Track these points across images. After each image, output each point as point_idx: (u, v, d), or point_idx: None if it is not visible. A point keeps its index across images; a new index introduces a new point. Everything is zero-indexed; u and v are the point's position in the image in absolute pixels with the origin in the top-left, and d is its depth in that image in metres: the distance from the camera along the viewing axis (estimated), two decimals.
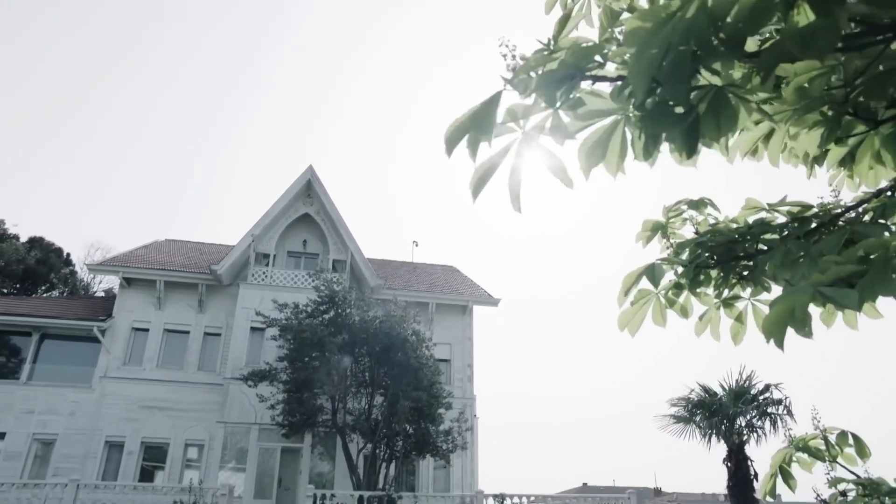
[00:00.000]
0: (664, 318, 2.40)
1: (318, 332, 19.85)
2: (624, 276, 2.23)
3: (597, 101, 1.57)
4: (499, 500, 19.11)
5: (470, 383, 26.08)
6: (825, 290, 1.46)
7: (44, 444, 22.96)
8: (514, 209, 1.65)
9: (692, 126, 1.40)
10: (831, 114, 1.59)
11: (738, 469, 10.20)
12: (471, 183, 1.60)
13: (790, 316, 1.45)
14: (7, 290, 37.33)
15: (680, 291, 2.28)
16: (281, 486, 22.14)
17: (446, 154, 1.56)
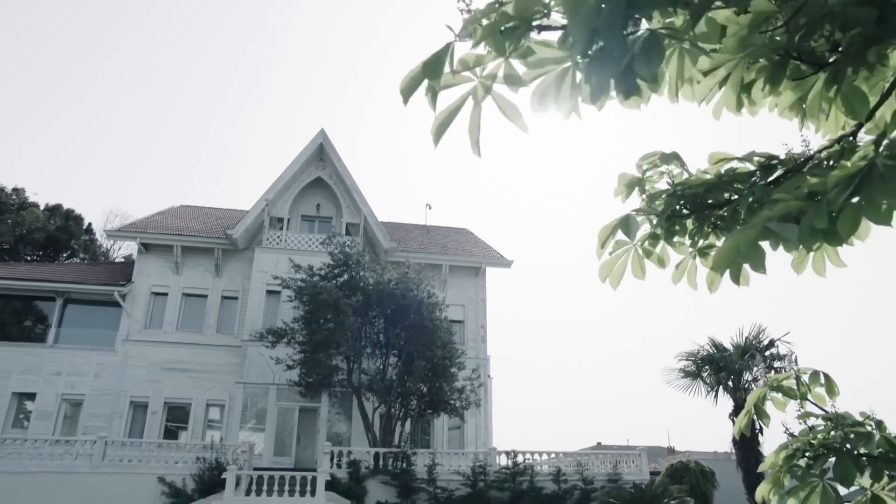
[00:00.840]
0: (643, 269, 2.45)
1: (333, 294, 20.16)
2: (600, 229, 2.29)
3: (545, 50, 1.61)
4: (511, 457, 19.53)
5: (483, 343, 26.40)
6: (770, 224, 1.50)
7: (72, 404, 23.83)
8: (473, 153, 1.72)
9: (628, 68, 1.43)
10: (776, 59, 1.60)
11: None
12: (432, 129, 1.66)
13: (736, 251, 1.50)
14: (30, 257, 38.16)
15: (656, 242, 2.33)
16: (299, 445, 22.83)
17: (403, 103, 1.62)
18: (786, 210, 1.54)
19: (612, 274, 2.38)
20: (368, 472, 18.63)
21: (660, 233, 2.26)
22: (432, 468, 18.69)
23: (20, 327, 25.92)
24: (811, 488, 2.43)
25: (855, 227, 1.57)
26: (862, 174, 1.47)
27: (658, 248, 2.30)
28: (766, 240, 1.61)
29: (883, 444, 2.40)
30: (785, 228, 1.49)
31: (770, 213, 1.53)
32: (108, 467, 18.08)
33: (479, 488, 18.42)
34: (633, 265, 2.39)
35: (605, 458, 21.27)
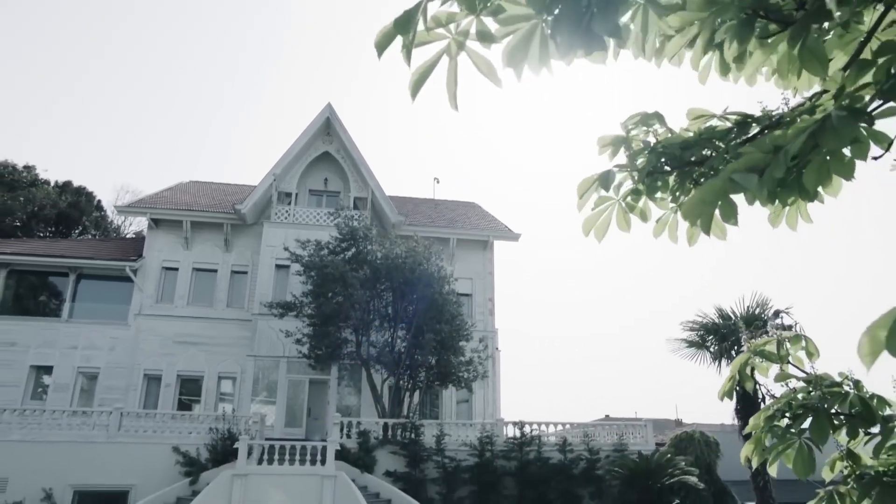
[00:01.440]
0: (628, 222, 2.51)
1: (340, 268, 20.34)
2: (579, 183, 2.35)
3: (514, 7, 1.64)
4: (519, 427, 19.80)
5: (491, 316, 26.59)
6: (735, 175, 1.55)
7: (88, 377, 24.35)
8: (451, 107, 1.77)
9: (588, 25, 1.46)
10: (743, 17, 1.63)
11: (745, 392, 10.40)
12: (409, 84, 1.72)
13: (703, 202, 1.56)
14: (43, 233, 38.59)
15: (639, 197, 2.39)
16: (310, 416, 23.24)
17: (377, 57, 1.67)
18: (750, 162, 1.58)
19: (597, 227, 2.45)
20: (377, 442, 18.98)
21: (642, 188, 2.31)
22: (440, 438, 19.01)
23: (36, 302, 26.38)
24: (789, 446, 2.52)
25: (819, 179, 1.62)
26: (816, 126, 1.51)
27: (641, 203, 2.36)
28: (733, 192, 1.66)
29: (857, 402, 2.47)
30: (747, 178, 1.53)
31: (736, 165, 1.58)
32: (124, 437, 18.54)
33: (486, 458, 18.73)
34: (617, 219, 2.45)
35: (612, 430, 21.50)
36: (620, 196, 2.39)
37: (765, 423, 2.62)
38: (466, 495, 18.31)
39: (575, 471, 19.14)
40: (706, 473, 17.76)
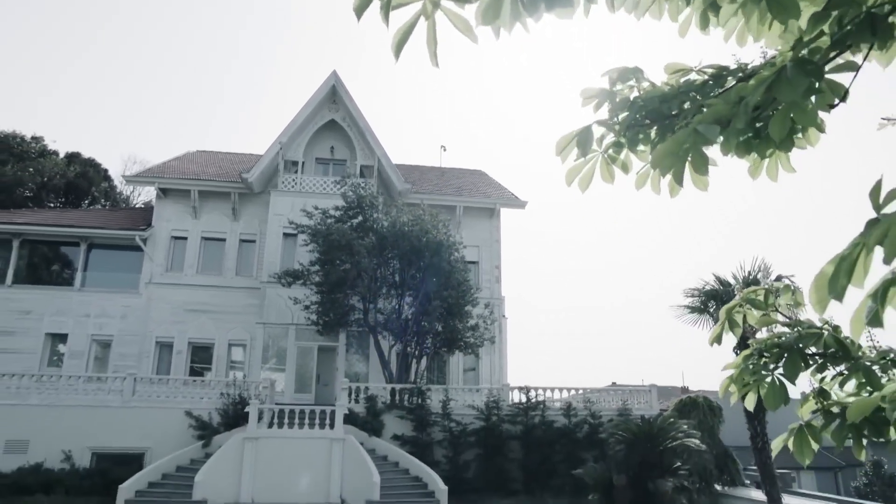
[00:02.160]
0: (612, 174, 2.56)
1: (347, 236, 20.47)
2: (559, 139, 2.39)
3: None
4: (524, 392, 20.07)
5: (498, 284, 26.73)
6: (699, 126, 1.59)
7: (101, 344, 24.83)
8: (432, 65, 1.81)
9: None
10: None
11: None
12: (391, 46, 1.76)
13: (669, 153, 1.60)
14: (53, 204, 38.88)
15: (620, 149, 2.44)
16: (319, 382, 23.66)
17: (357, 20, 1.71)
18: (716, 114, 1.62)
19: (581, 178, 2.51)
20: (385, 406, 19.34)
21: (623, 141, 2.36)
22: (447, 403, 19.34)
23: (49, 271, 26.78)
24: (762, 380, 2.62)
25: (784, 130, 1.66)
26: (773, 78, 1.54)
27: (622, 155, 2.41)
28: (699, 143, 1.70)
29: (831, 342, 2.55)
30: (709, 129, 1.57)
31: (702, 117, 1.62)
32: (138, 402, 19.01)
33: (492, 422, 19.07)
34: (601, 170, 2.51)
35: (616, 395, 21.78)
36: (603, 148, 2.44)
37: (743, 361, 2.71)
38: (472, 458, 18.70)
39: (579, 434, 19.46)
40: (709, 437, 17.97)
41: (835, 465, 38.48)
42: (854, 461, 36.36)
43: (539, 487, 18.09)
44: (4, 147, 38.34)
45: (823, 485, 35.35)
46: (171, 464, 17.15)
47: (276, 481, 16.41)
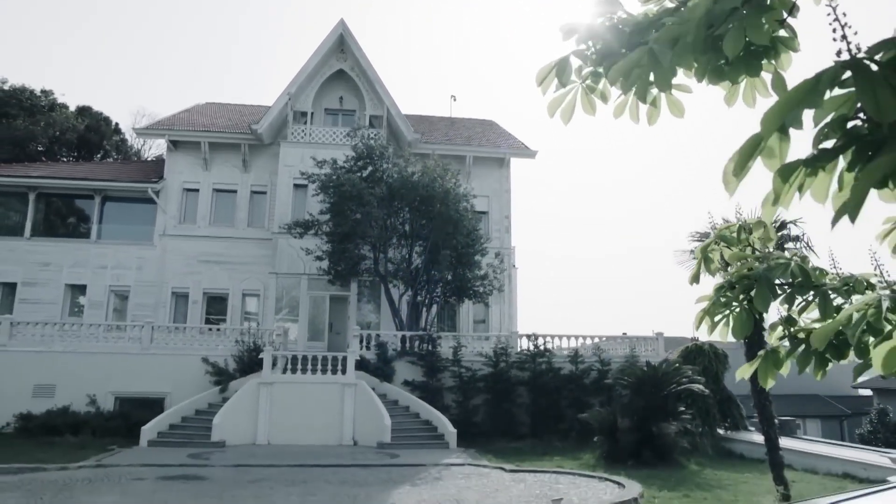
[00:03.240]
0: (592, 106, 2.63)
1: (357, 186, 20.57)
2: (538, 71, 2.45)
3: None
4: (532, 339, 20.41)
5: (508, 234, 26.82)
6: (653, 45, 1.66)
7: (119, 295, 25.44)
8: None
9: None
10: None
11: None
12: None
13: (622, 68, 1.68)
14: (65, 158, 39.14)
15: (598, 79, 2.50)
16: (332, 331, 24.17)
17: None
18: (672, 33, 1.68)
19: (563, 110, 2.58)
20: (396, 353, 19.80)
21: (601, 71, 2.42)
22: (457, 350, 19.74)
23: (65, 224, 27.23)
24: (731, 311, 2.73)
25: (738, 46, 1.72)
26: None
27: (601, 85, 2.47)
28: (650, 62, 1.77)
29: (798, 272, 2.65)
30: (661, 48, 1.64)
31: (658, 36, 1.68)
32: (156, 349, 19.61)
33: (500, 368, 19.47)
34: (581, 101, 2.58)
35: (623, 343, 22.08)
36: (581, 78, 2.50)
37: (714, 293, 2.82)
38: (481, 403, 19.19)
39: (586, 380, 19.85)
40: (713, 383, 18.27)
41: (841, 413, 38.99)
42: (860, 409, 36.77)
43: (546, 431, 18.58)
44: (15, 101, 38.40)
45: (828, 432, 35.87)
46: (191, 407, 17.81)
47: (291, 424, 17.03)
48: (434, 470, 13.33)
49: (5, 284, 24.84)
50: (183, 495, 10.49)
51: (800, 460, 14.75)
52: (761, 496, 10.88)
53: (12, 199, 26.04)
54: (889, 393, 38.46)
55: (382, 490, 11.17)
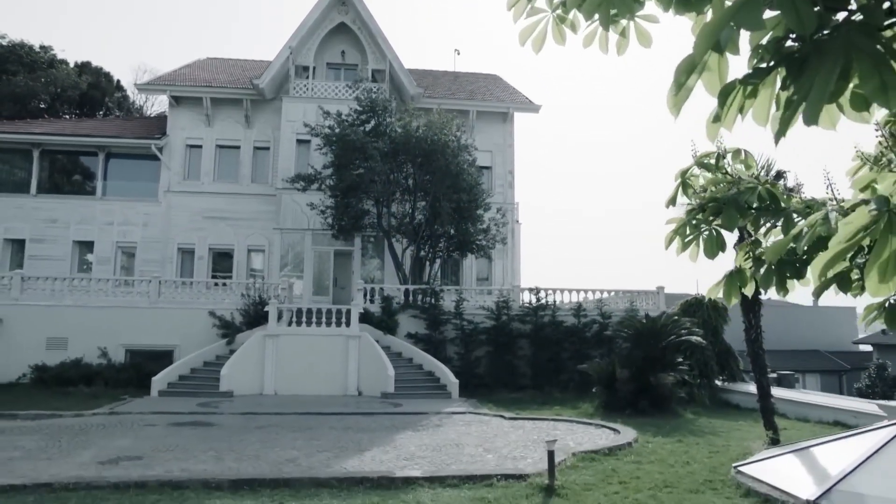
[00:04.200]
0: (562, 35, 2.69)
1: (360, 139, 20.56)
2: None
3: None
4: (534, 293, 20.63)
5: (511, 189, 26.80)
6: None
7: (126, 252, 25.75)
8: None
9: None
10: None
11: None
12: None
13: None
14: (68, 114, 38.98)
15: (568, 9, 2.57)
16: (336, 286, 24.49)
17: None
18: None
19: (534, 39, 2.66)
20: (399, 307, 20.10)
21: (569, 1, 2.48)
22: (459, 303, 20.02)
23: (70, 181, 27.36)
24: (701, 233, 2.86)
25: None
26: None
27: (571, 15, 2.54)
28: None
29: (765, 195, 2.76)
30: None
31: None
32: (164, 303, 19.97)
33: (502, 321, 19.77)
34: (552, 31, 2.65)
35: (625, 297, 22.29)
36: (552, 7, 2.57)
37: (686, 215, 2.94)
38: (483, 355, 19.57)
39: (588, 334, 20.16)
40: (712, 336, 18.53)
41: (840, 368, 39.48)
42: (860, 364, 37.20)
43: (546, 383, 18.98)
44: (14, 57, 38.04)
45: (827, 387, 36.37)
46: (199, 359, 18.25)
47: (297, 375, 17.47)
48: (436, 418, 13.73)
49: (14, 241, 25.18)
50: (193, 439, 10.90)
51: (793, 409, 15.10)
52: (752, 441, 11.20)
53: (16, 156, 26.12)
54: (889, 348, 38.85)
55: (385, 435, 11.56)
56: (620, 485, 8.09)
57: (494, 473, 8.23)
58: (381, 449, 10.31)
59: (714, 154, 3.19)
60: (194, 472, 8.30)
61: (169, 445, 10.34)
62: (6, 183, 25.94)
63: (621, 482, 8.21)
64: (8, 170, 26.31)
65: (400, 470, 8.63)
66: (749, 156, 3.13)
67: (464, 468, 8.82)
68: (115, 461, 9.16)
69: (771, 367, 24.22)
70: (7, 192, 25.47)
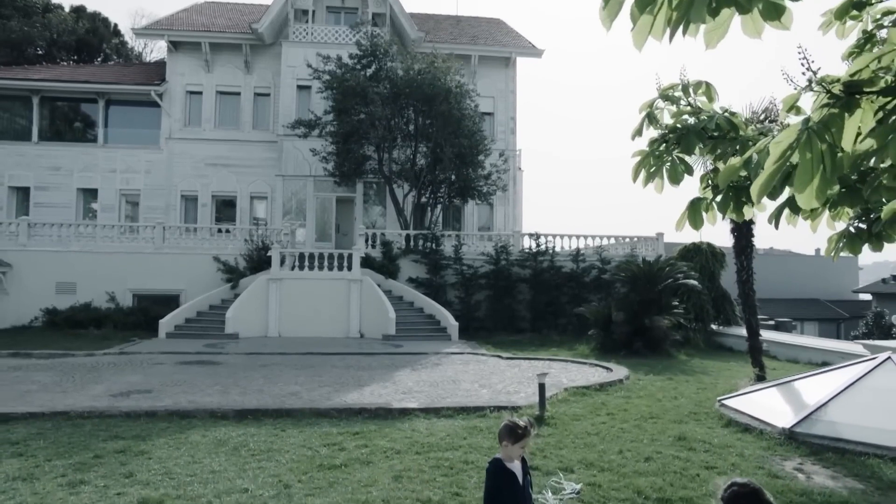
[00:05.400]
0: None
1: (361, 83, 20.40)
2: None
3: None
4: (534, 238, 20.81)
5: (513, 135, 26.65)
6: None
7: (130, 200, 25.94)
8: None
9: None
10: None
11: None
12: None
13: None
14: (65, 61, 38.47)
15: None
16: (339, 232, 24.73)
17: None
18: None
19: None
20: (400, 251, 20.36)
21: None
22: (459, 248, 20.26)
23: (71, 129, 27.29)
24: (664, 162, 3.00)
25: None
26: None
27: None
28: None
29: (724, 124, 2.89)
30: None
31: None
32: (169, 249, 20.27)
33: (502, 266, 20.03)
34: None
35: (625, 244, 22.47)
36: None
37: (649, 145, 3.08)
38: (483, 299, 19.92)
39: (587, 279, 20.42)
40: (709, 281, 18.79)
41: (839, 316, 39.95)
42: (859, 313, 37.62)
43: (545, 326, 19.39)
44: (8, 1, 37.31)
45: (825, 334, 36.89)
46: (205, 303, 18.67)
47: (300, 318, 17.89)
48: (435, 357, 14.16)
49: (19, 189, 25.37)
50: (200, 376, 11.34)
51: (784, 352, 15.47)
52: (739, 379, 11.57)
53: (16, 103, 26.02)
54: (888, 297, 39.23)
55: (385, 373, 11.98)
56: (608, 416, 8.46)
57: (488, 405, 8.61)
58: (381, 384, 10.72)
59: (678, 86, 3.29)
60: (201, 404, 8.71)
61: (177, 381, 10.77)
62: (8, 131, 25.93)
63: (609, 414, 8.58)
64: (9, 117, 26.25)
65: (397, 402, 9.03)
66: (711, 87, 3.23)
67: (459, 401, 9.21)
68: (126, 394, 9.59)
69: (769, 315, 24.60)
70: (9, 139, 25.50)
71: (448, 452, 6.55)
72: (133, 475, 5.74)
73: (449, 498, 5.24)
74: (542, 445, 6.89)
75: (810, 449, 6.78)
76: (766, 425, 7.56)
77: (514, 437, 3.43)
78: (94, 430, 7.33)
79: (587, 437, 7.33)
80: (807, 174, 1.86)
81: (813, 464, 6.38)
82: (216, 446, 6.72)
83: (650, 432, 7.59)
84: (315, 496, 5.25)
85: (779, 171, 1.94)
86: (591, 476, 5.87)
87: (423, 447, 6.76)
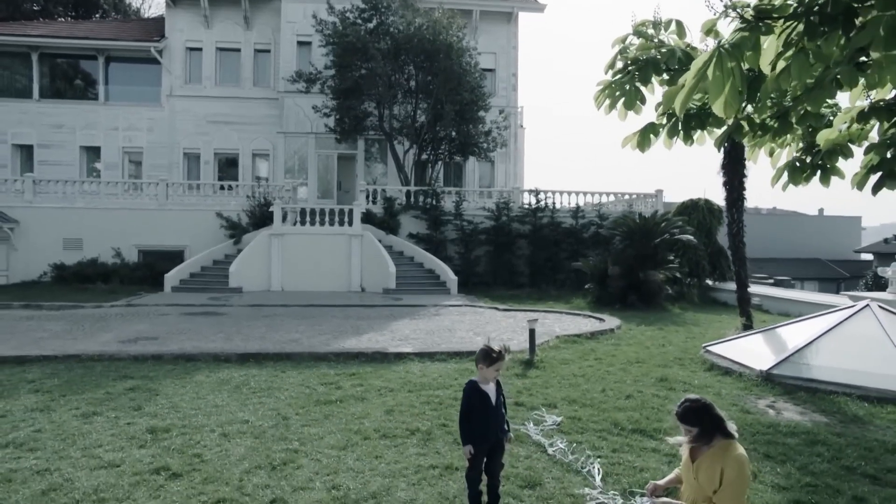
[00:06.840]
0: None
1: (361, 38, 20.28)
2: None
3: None
4: (534, 194, 20.95)
5: (514, 92, 26.49)
6: None
7: (132, 157, 26.08)
8: None
9: None
10: None
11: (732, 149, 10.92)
12: None
13: None
14: (63, 17, 38.05)
15: None
16: (340, 189, 24.90)
17: None
18: None
19: None
20: (401, 207, 20.57)
21: None
22: (460, 204, 20.45)
23: (72, 86, 27.23)
24: (626, 91, 3.21)
25: None
26: None
27: None
28: None
29: (683, 58, 3.08)
30: None
31: None
32: (172, 205, 20.54)
33: (501, 221, 20.25)
34: None
35: (623, 200, 22.59)
36: None
37: (612, 75, 3.28)
38: (482, 254, 20.21)
39: (585, 234, 20.65)
40: (706, 237, 18.97)
41: (839, 276, 40.18)
42: (859, 273, 37.81)
43: (544, 281, 19.71)
44: None
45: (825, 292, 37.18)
46: (208, 258, 19.03)
47: (302, 272, 18.25)
48: (433, 309, 14.53)
49: (22, 147, 25.51)
50: (204, 325, 11.74)
51: (775, 305, 15.78)
52: (728, 329, 11.90)
53: (15, 60, 25.92)
54: (889, 257, 39.31)
55: (383, 322, 12.35)
56: (595, 360, 8.81)
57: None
58: (378, 332, 11.10)
59: (650, 23, 3.46)
60: (205, 349, 9.10)
61: (182, 329, 11.18)
62: (8, 88, 25.92)
63: (597, 359, 8.93)
64: (9, 75, 26.20)
65: (393, 347, 9.39)
66: (682, 25, 3.41)
67: (453, 347, 9.57)
68: (134, 340, 9.99)
69: (770, 273, 24.82)
70: (10, 97, 25.52)
71: (439, 391, 6.91)
72: (142, 408, 6.12)
73: (437, 428, 5.59)
74: (528, 385, 7.25)
75: (784, 389, 7.11)
76: (746, 368, 7.90)
77: (488, 360, 3.75)
78: (105, 371, 7.73)
79: (573, 378, 7.68)
80: (718, 87, 2.09)
81: (785, 402, 6.72)
82: (219, 385, 7.11)
83: (634, 374, 7.93)
84: (311, 426, 5.62)
85: (696, 85, 2.18)
86: (573, 411, 6.22)
87: (415, 386, 7.13)
